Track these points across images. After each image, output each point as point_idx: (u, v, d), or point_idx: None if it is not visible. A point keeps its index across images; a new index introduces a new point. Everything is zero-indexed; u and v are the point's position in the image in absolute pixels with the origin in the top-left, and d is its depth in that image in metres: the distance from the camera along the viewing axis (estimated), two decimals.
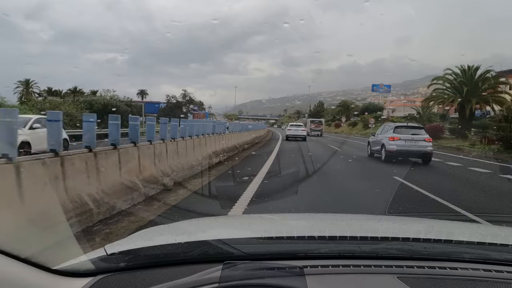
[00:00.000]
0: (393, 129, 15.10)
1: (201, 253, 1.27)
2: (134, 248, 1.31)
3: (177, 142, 9.49)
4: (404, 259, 1.28)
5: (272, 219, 2.15)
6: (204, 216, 2.77)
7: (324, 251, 1.33)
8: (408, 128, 15.61)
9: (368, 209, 5.66)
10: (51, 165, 4.55)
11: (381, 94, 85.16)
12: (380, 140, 15.47)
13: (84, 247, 2.58)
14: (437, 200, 7.07)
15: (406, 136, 14.53)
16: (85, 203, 4.88)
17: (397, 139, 14.42)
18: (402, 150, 14.23)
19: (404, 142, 14.36)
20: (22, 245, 1.27)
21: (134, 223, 5.06)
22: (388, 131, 15.35)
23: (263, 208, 6.15)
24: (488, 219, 5.20)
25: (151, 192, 6.77)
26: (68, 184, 4.74)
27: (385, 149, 14.65)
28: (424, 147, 14.36)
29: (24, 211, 3.87)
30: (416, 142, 14.42)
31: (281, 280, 1.09)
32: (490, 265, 1.25)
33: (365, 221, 2.12)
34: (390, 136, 14.68)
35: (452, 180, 11.11)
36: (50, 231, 3.76)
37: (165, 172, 7.96)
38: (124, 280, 1.15)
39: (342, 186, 9.05)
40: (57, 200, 4.36)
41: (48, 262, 1.17)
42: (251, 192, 7.26)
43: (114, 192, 5.72)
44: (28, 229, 3.74)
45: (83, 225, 4.60)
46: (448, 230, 1.80)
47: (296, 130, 30.99)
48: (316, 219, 2.11)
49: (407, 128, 15.59)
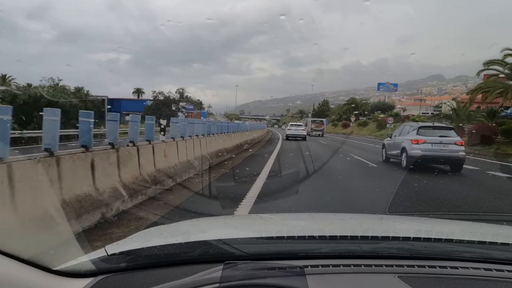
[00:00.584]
0: (416, 130, 12.67)
1: (202, 253, 1.27)
2: (135, 249, 1.31)
3: (153, 145, 7.95)
4: (405, 259, 1.28)
5: (273, 219, 2.15)
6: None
7: (325, 250, 1.33)
8: (435, 129, 13.06)
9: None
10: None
11: (386, 94, 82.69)
12: (399, 143, 13.05)
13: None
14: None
15: (433, 138, 12.11)
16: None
17: (421, 142, 12.04)
18: (429, 155, 11.93)
19: (430, 146, 11.97)
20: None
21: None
22: (410, 132, 12.94)
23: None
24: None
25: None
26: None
27: (406, 154, 12.29)
28: (455, 152, 11.91)
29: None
30: (446, 146, 11.98)
31: (282, 280, 1.09)
32: (491, 264, 1.25)
33: (365, 220, 2.13)
34: (413, 138, 12.26)
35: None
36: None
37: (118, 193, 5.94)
38: (125, 280, 1.15)
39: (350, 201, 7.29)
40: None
41: (49, 262, 1.17)
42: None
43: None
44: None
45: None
46: (448, 229, 1.80)
47: (296, 130, 31.51)
48: (316, 219, 2.11)
49: (434, 129, 13.02)
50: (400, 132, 14.04)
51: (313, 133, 42.72)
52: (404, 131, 13.68)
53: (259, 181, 8.78)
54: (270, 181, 8.94)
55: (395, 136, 14.23)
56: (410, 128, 13.48)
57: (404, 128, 14.03)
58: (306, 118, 57.45)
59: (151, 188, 7.11)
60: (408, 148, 12.27)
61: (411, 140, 12.28)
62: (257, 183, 8.54)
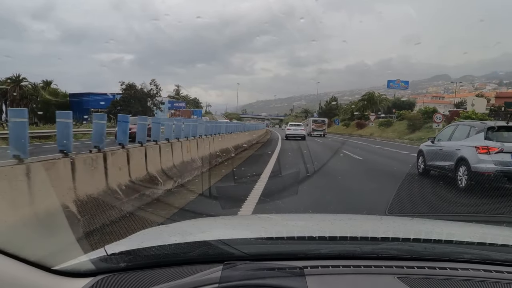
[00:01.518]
0: (483, 132, 8.50)
1: (201, 253, 1.28)
2: (134, 249, 1.32)
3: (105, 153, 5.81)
4: (405, 260, 1.28)
5: (272, 219, 2.15)
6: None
7: (325, 251, 1.33)
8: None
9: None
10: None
11: (397, 92, 71.73)
12: (451, 151, 9.20)
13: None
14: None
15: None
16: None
17: (494, 151, 8.04)
18: (509, 171, 7.84)
19: (510, 157, 7.94)
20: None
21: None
22: (472, 135, 8.87)
23: None
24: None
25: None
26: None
27: (468, 168, 8.31)
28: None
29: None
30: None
31: (282, 281, 1.09)
32: (490, 266, 1.25)
33: (365, 221, 2.12)
34: (480, 145, 8.28)
35: None
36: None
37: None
38: (124, 280, 1.15)
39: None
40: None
41: (48, 262, 1.18)
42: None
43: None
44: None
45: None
46: (448, 231, 1.80)
47: (295, 130, 32.08)
48: (316, 219, 2.10)
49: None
50: (451, 134, 9.94)
51: (314, 134, 41.21)
52: (459, 133, 9.59)
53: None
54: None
55: (440, 141, 10.31)
56: (470, 129, 9.18)
57: (459, 129, 9.81)
58: (308, 118, 54.60)
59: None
60: (471, 160, 8.28)
61: (477, 148, 8.30)
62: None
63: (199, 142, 11.52)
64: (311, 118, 48.56)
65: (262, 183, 8.48)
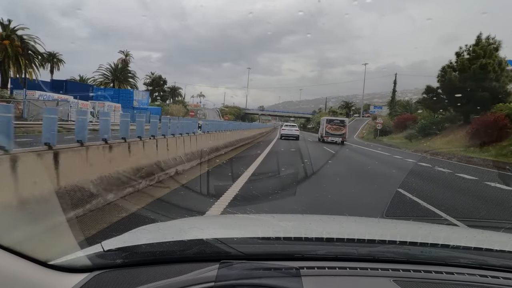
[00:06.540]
0: None
1: (198, 251, 1.27)
2: (131, 245, 1.31)
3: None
4: (401, 263, 1.28)
5: (270, 219, 2.15)
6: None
7: (321, 252, 1.33)
8: None
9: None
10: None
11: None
12: None
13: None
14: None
15: None
16: None
17: None
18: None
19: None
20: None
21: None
22: None
23: None
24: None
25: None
26: None
27: None
28: None
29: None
30: None
31: (277, 281, 1.09)
32: (486, 271, 1.25)
33: (363, 223, 2.13)
34: None
35: None
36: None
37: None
38: (120, 276, 1.15)
39: None
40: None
41: (45, 256, 1.17)
42: None
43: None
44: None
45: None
46: (445, 235, 1.80)
47: (289, 130, 33.97)
48: (313, 220, 2.10)
49: None
50: None
51: (329, 139, 30.93)
52: None
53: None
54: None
55: None
56: None
57: None
58: (323, 117, 40.17)
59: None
60: None
61: None
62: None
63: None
64: (325, 117, 36.01)
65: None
